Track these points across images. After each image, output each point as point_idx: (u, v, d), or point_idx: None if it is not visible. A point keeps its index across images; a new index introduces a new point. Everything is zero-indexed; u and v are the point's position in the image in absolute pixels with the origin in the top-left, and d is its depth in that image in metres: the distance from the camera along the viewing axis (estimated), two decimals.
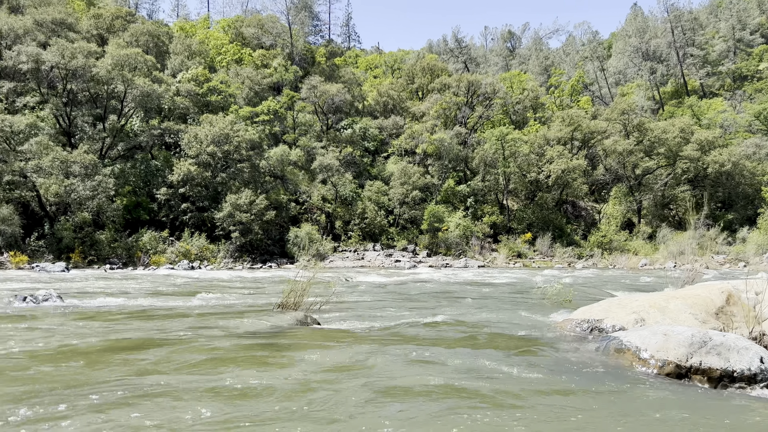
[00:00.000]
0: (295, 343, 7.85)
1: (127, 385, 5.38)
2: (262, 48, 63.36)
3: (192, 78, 48.10)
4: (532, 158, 47.99)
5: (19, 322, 9.05)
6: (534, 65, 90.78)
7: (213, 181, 39.22)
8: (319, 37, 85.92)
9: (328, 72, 62.14)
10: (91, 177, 33.86)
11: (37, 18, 44.45)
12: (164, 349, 7.08)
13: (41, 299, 11.54)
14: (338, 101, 51.01)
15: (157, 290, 16.49)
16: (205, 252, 36.50)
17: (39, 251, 32.38)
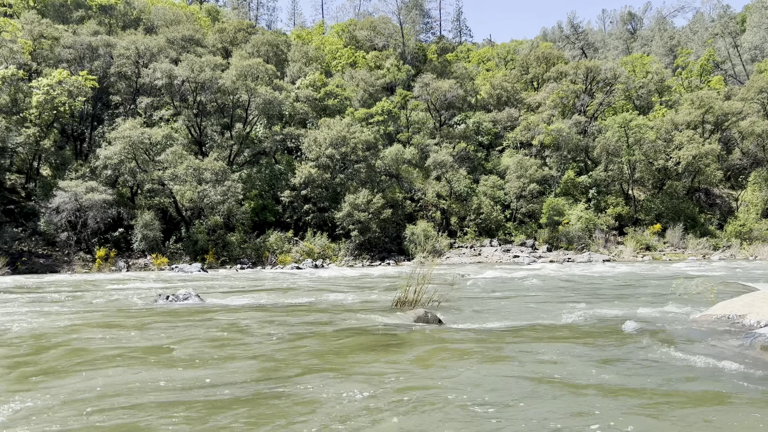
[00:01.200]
0: (415, 340, 7.97)
1: (268, 379, 5.74)
2: (374, 49, 64.49)
3: (310, 84, 49.89)
4: (659, 145, 45.32)
5: (169, 319, 9.87)
6: (657, 46, 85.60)
7: (332, 182, 40.50)
8: (430, 35, 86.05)
9: (439, 68, 62.12)
10: (221, 183, 36.07)
11: (168, 36, 47.99)
12: (299, 343, 7.45)
13: (182, 298, 12.48)
14: (450, 97, 50.87)
15: (284, 288, 17.31)
16: (327, 251, 37.78)
17: (177, 253, 34.99)
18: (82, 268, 32.15)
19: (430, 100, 51.29)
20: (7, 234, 32.79)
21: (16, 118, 36.26)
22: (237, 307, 12.01)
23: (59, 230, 33.80)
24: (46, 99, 36.01)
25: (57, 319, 10.04)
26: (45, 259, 32.73)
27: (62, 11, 53.47)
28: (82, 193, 32.96)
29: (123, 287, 18.35)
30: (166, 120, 43.44)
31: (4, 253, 31.15)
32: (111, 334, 8.39)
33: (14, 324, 9.41)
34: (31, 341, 7.95)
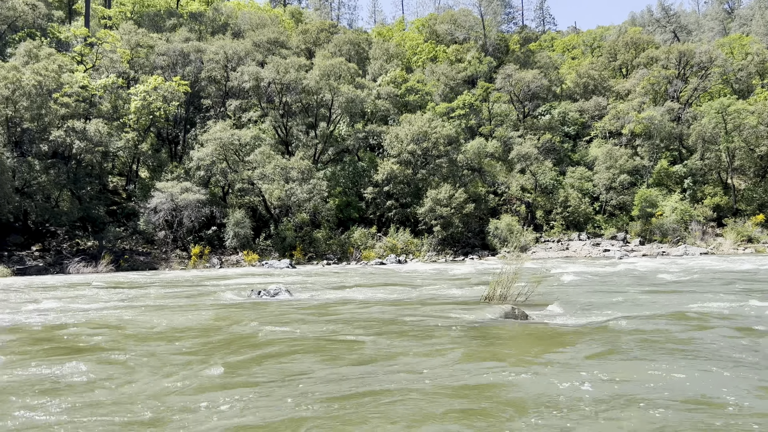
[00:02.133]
0: (504, 335, 7.87)
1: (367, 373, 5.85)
2: (455, 43, 64.00)
3: (391, 80, 50.15)
4: (761, 130, 42.47)
5: (258, 310, 10.22)
6: (758, 26, 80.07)
7: (414, 178, 40.58)
8: (512, 25, 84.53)
9: (522, 59, 60.86)
10: (307, 181, 36.94)
11: (254, 40, 49.55)
12: (391, 339, 7.53)
13: (273, 293, 12.89)
14: (534, 87, 49.74)
15: (370, 283, 17.53)
16: (410, 246, 37.91)
17: (267, 250, 36.13)
18: (179, 264, 33.79)
19: (513, 92, 50.35)
20: (111, 233, 34.95)
21: (117, 123, 38.55)
22: (327, 302, 12.26)
23: (157, 229, 35.69)
24: (143, 105, 38.06)
25: (199, 313, 10.61)
26: (145, 256, 34.65)
27: (156, 20, 56.32)
28: (177, 194, 34.64)
29: (225, 283, 19.15)
30: (254, 121, 44.90)
31: (109, 251, 33.22)
32: (265, 325, 8.78)
33: (162, 319, 10.01)
34: (202, 331, 8.44)
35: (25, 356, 6.94)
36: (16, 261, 31.54)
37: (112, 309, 11.39)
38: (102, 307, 11.90)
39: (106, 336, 8.19)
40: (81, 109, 36.95)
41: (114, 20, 55.71)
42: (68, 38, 47.01)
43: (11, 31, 44.75)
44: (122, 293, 15.40)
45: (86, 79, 37.60)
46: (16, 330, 9.02)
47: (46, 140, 35.38)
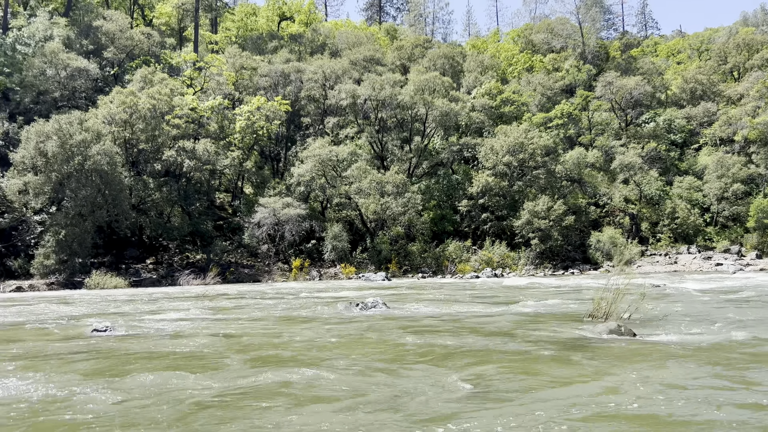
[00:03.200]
0: (611, 354, 7.63)
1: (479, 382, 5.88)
2: (552, 52, 62.73)
3: (485, 92, 49.83)
4: None
5: (354, 323, 10.46)
6: None
7: (510, 190, 40.00)
8: (612, 31, 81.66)
9: (623, 66, 58.67)
10: (401, 195, 37.32)
11: (351, 58, 50.84)
12: (486, 354, 7.51)
13: (370, 306, 13.12)
14: (637, 94, 47.80)
15: (466, 298, 17.44)
16: (507, 259, 37.32)
17: (363, 263, 36.75)
18: (281, 277, 35.02)
19: (614, 99, 48.64)
20: (218, 247, 36.78)
21: (223, 143, 40.65)
22: (426, 315, 12.35)
23: (260, 243, 37.19)
24: (247, 124, 39.95)
25: (331, 326, 11.07)
26: (249, 269, 36.18)
27: (259, 43, 59.07)
28: (279, 209, 36.00)
29: (330, 295, 19.70)
30: (350, 137, 45.96)
31: (216, 264, 34.97)
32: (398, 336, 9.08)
33: (309, 331, 10.53)
34: (362, 342, 8.84)
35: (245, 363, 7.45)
36: (133, 273, 33.82)
37: (257, 321, 12.04)
38: (249, 317, 12.61)
39: (293, 349, 8.42)
40: (190, 129, 39.30)
41: (220, 44, 58.98)
42: (179, 63, 50.19)
43: (129, 59, 48.36)
44: (247, 304, 16.18)
45: (195, 102, 39.99)
46: (194, 335, 9.72)
47: (159, 160, 37.86)
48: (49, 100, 42.30)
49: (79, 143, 32.54)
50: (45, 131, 32.93)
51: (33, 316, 13.76)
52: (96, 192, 33.08)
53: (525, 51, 64.24)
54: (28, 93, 42.18)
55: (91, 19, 50.90)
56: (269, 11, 67.27)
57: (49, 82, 42.28)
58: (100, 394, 5.81)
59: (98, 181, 33.18)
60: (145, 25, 57.53)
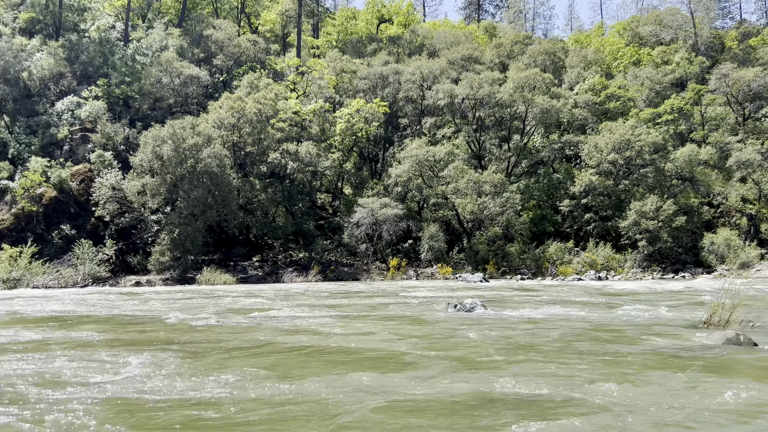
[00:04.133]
0: (729, 367, 7.20)
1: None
2: (660, 44, 59.58)
3: (589, 88, 48.11)
4: None
5: (467, 326, 10.46)
6: None
7: (615, 189, 38.44)
8: (728, 20, 76.54)
9: (741, 56, 54.77)
10: (500, 194, 36.80)
11: (449, 58, 50.66)
12: (594, 358, 7.32)
13: (468, 307, 13.07)
14: (756, 87, 44.47)
15: (569, 301, 16.96)
16: (611, 262, 35.89)
17: (460, 263, 36.57)
18: (378, 275, 35.52)
19: (730, 93, 45.53)
20: (319, 246, 37.83)
21: (324, 145, 41.78)
22: (530, 318, 12.16)
23: (359, 242, 37.91)
24: (347, 126, 40.83)
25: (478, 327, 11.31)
26: (348, 267, 36.97)
27: (358, 47, 60.13)
28: (377, 209, 36.53)
29: (431, 295, 19.85)
30: (447, 137, 45.86)
31: (317, 262, 36.00)
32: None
33: (446, 330, 10.84)
34: (517, 344, 9.10)
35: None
36: (240, 270, 35.47)
37: (390, 319, 12.42)
38: (381, 316, 13.03)
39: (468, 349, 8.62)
40: (293, 132, 40.68)
41: (321, 49, 60.58)
42: (283, 69, 52.05)
43: (237, 66, 50.71)
44: (362, 303, 16.65)
45: (298, 105, 41.37)
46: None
47: (264, 162, 39.46)
48: (164, 107, 45.14)
49: (191, 147, 34.54)
50: (161, 136, 35.22)
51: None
52: (207, 193, 34.98)
53: (631, 44, 61.39)
54: (146, 100, 45.22)
55: (202, 28, 53.79)
56: (368, 14, 68.28)
57: (164, 89, 45.13)
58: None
59: (209, 183, 35.07)
60: (251, 33, 60.05)
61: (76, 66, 48.21)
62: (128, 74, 46.32)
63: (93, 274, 32.85)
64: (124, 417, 5.08)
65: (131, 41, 51.50)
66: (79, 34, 51.64)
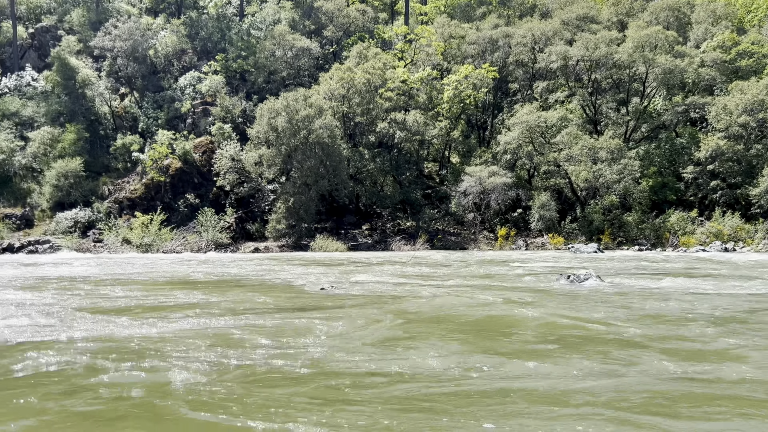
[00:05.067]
0: None
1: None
2: None
3: (717, 45, 44.38)
4: None
5: (577, 299, 10.20)
6: None
7: (746, 155, 35.51)
8: None
9: None
10: (616, 161, 35.10)
11: (563, 18, 48.42)
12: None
13: (582, 278, 12.68)
14: None
15: (693, 275, 16.01)
16: (740, 232, 33.37)
17: (572, 233, 35.43)
18: (486, 245, 35.20)
19: None
20: (426, 215, 37.97)
21: (431, 113, 41.55)
22: (658, 291, 11.64)
23: (466, 211, 37.66)
24: (455, 93, 40.30)
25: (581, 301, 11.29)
26: (455, 236, 36.88)
27: (467, 11, 58.85)
28: (485, 178, 36.02)
29: (540, 265, 19.52)
30: (560, 102, 44.12)
31: (424, 231, 36.19)
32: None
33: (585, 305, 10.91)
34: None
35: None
36: (350, 238, 36.38)
37: (516, 290, 12.50)
38: (513, 286, 13.16)
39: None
40: (401, 101, 40.74)
41: (429, 15, 59.84)
42: (391, 37, 52.02)
43: (346, 36, 51.27)
44: (479, 272, 16.74)
45: (406, 74, 41.29)
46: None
47: (373, 131, 39.93)
48: (278, 79, 46.60)
49: (303, 118, 35.53)
50: (275, 108, 36.48)
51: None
52: (319, 163, 35.99)
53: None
54: (261, 73, 46.88)
55: (312, 0, 54.72)
56: None
57: (277, 62, 46.55)
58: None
59: (320, 153, 36.03)
60: (360, 2, 60.32)
61: (196, 42, 50.75)
62: (244, 48, 48.14)
63: (215, 241, 34.95)
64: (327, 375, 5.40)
65: (246, 16, 53.37)
66: (198, 11, 54.20)
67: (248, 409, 4.36)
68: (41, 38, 53.62)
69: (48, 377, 5.26)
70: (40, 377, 5.21)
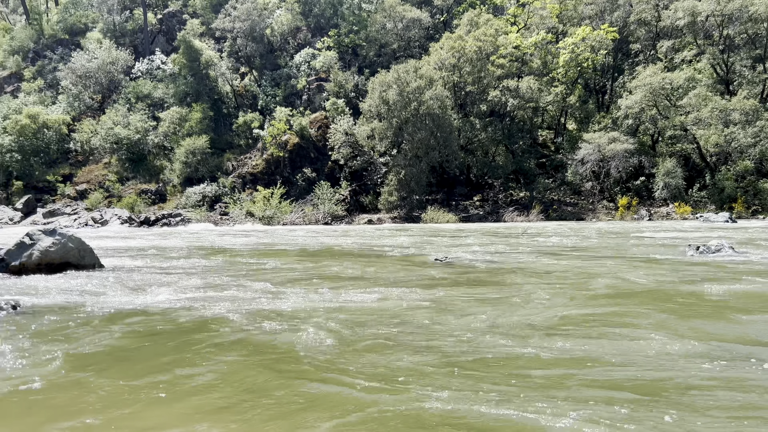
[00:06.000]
0: None
1: None
2: None
3: None
4: None
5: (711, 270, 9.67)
6: None
7: None
8: None
9: None
10: (751, 123, 32.36)
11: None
12: None
13: (713, 249, 11.94)
14: None
15: None
16: None
17: (701, 202, 33.23)
18: (605, 215, 33.82)
19: None
20: (541, 185, 37.02)
21: (546, 78, 40.14)
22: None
23: (584, 180, 36.29)
24: (571, 57, 38.63)
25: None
26: (572, 207, 35.72)
27: None
28: (604, 144, 34.46)
29: (666, 235, 18.63)
30: (687, 62, 41.12)
31: (538, 202, 35.33)
32: None
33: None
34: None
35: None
36: (461, 210, 36.25)
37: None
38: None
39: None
40: (514, 68, 39.68)
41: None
42: (503, 2, 50.54)
43: (456, 4, 50.42)
44: (602, 244, 16.35)
45: (519, 39, 40.07)
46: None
47: (484, 100, 39.26)
48: (388, 52, 46.83)
49: (414, 90, 35.57)
50: (386, 81, 36.77)
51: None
52: (429, 135, 35.99)
53: None
54: (372, 47, 47.30)
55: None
56: None
57: (388, 34, 46.73)
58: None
59: (431, 125, 36.00)
60: None
61: (310, 19, 51.97)
62: (355, 23, 48.71)
63: (331, 213, 36.10)
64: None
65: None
66: None
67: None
68: (168, 23, 57.09)
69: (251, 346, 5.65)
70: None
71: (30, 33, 59.38)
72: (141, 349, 5.15)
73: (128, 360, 4.83)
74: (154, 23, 57.27)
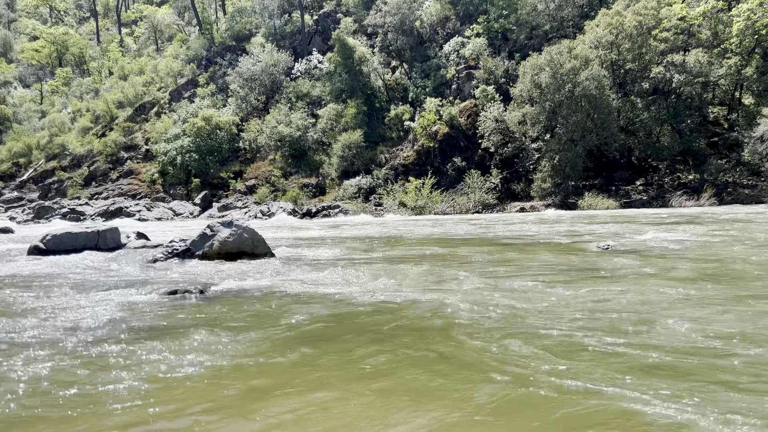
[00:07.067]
0: None
1: None
2: None
3: None
4: None
5: None
6: None
7: None
8: None
9: None
10: None
11: None
12: None
13: None
14: None
15: None
16: None
17: None
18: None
19: None
20: (712, 166, 34.00)
21: (717, 50, 36.68)
22: None
23: (764, 160, 32.81)
24: (747, 25, 34.96)
25: None
26: (749, 189, 32.43)
27: None
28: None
29: None
30: None
31: (710, 185, 32.50)
32: None
33: None
34: None
35: None
36: (622, 195, 34.33)
37: None
38: None
39: None
40: (679, 41, 36.75)
41: None
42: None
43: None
44: None
45: (684, 9, 37.02)
46: None
47: (646, 78, 36.79)
48: (540, 34, 45.39)
49: (568, 71, 34.24)
50: (538, 64, 35.74)
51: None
52: (585, 117, 34.47)
53: None
54: (523, 30, 46.11)
55: None
56: None
57: (540, 16, 45.30)
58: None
59: (587, 106, 34.45)
60: None
61: (458, 7, 51.78)
62: (505, 7, 47.76)
63: (482, 201, 35.89)
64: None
65: None
66: None
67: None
68: (323, 23, 59.79)
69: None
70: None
71: (203, 42, 65.11)
72: (339, 335, 5.04)
73: (339, 340, 4.84)
74: (310, 24, 60.26)
